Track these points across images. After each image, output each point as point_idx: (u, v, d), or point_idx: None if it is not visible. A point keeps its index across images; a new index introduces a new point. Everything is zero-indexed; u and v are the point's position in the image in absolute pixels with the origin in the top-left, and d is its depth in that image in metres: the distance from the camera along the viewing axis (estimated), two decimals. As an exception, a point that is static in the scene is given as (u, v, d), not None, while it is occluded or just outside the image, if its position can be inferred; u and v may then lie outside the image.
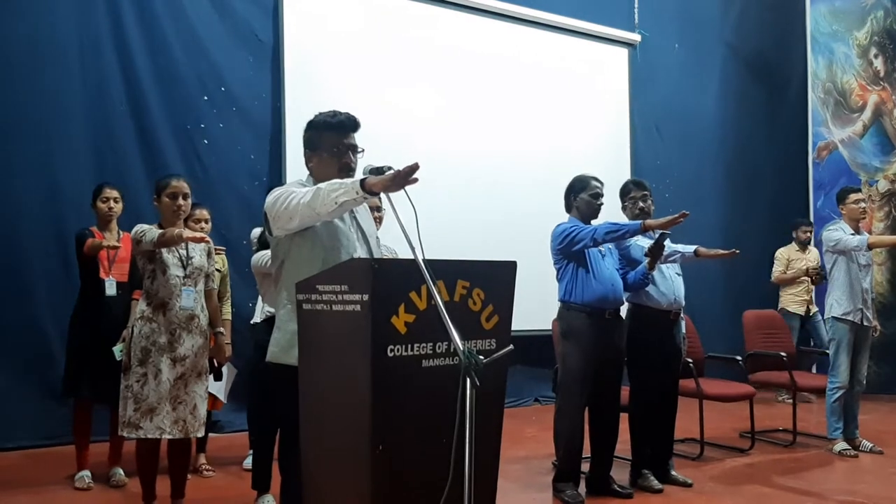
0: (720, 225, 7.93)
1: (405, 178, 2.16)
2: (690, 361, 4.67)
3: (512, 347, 2.16)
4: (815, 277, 6.81)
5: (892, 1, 7.97)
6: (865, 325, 5.01)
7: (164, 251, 3.25)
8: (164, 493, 3.42)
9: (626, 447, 4.17)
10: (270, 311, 3.64)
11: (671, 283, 4.17)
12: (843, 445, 4.96)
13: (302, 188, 2.42)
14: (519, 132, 6.83)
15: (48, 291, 4.97)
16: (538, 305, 4.79)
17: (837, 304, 4.99)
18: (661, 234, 3.81)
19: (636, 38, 7.77)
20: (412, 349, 2.09)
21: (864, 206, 5.13)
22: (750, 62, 8.61)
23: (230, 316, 4.48)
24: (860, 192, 5.32)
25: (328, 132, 2.58)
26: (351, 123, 2.60)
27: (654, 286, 4.07)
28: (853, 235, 4.98)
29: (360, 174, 2.41)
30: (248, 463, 4.28)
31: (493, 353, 2.13)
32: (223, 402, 4.56)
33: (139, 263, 3.32)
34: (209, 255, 3.46)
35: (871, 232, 7.20)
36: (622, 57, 7.71)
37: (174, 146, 5.53)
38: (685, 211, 3.55)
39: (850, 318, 4.95)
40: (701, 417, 4.82)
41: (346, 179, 2.32)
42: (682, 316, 4.30)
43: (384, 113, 5.84)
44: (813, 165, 8.34)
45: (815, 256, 6.96)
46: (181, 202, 3.32)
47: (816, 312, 6.78)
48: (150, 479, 3.35)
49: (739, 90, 8.52)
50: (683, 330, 4.38)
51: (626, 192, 4.25)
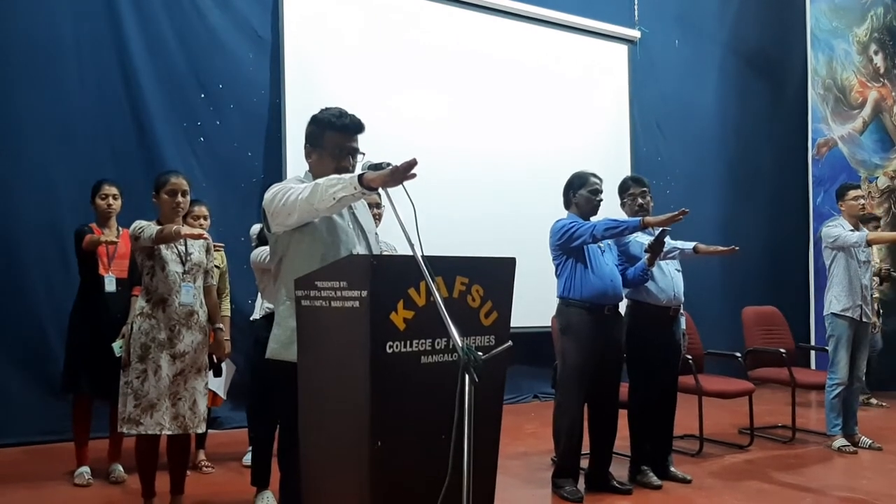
0: (720, 221, 7.92)
1: (403, 173, 2.15)
2: (690, 358, 4.67)
3: (511, 344, 2.15)
4: (886, 276, 6.73)
5: (892, -2, 7.99)
6: (865, 321, 5.02)
7: (162, 248, 3.25)
8: (163, 489, 3.42)
9: (625, 443, 4.18)
10: (270, 307, 3.63)
11: (671, 279, 4.16)
12: (842, 442, 4.97)
13: (300, 184, 2.41)
14: (518, 129, 6.81)
15: (47, 288, 4.98)
16: (537, 302, 4.78)
17: (837, 300, 5.00)
18: (661, 230, 3.81)
19: (636, 34, 7.75)
20: (411, 345, 2.09)
21: (863, 202, 5.14)
22: (750, 59, 8.60)
23: (229, 312, 4.48)
24: (859, 188, 5.33)
25: (331, 132, 2.55)
26: (355, 127, 2.56)
27: (653, 282, 4.07)
28: (852, 232, 4.98)
29: (358, 170, 2.41)
30: (247, 459, 4.28)
31: (492, 349, 2.13)
32: (223, 398, 4.57)
33: (138, 260, 3.32)
34: (208, 251, 3.46)
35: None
36: (622, 53, 7.69)
37: (173, 143, 5.52)
38: (685, 208, 3.55)
39: (849, 314, 4.96)
40: (700, 414, 4.82)
41: (344, 175, 2.31)
42: (681, 312, 4.30)
43: (383, 109, 5.83)
44: (812, 162, 8.34)
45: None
46: (180, 199, 3.32)
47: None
48: (149, 475, 3.36)
49: (739, 87, 8.51)
50: (683, 326, 4.38)
51: (624, 188, 4.25)
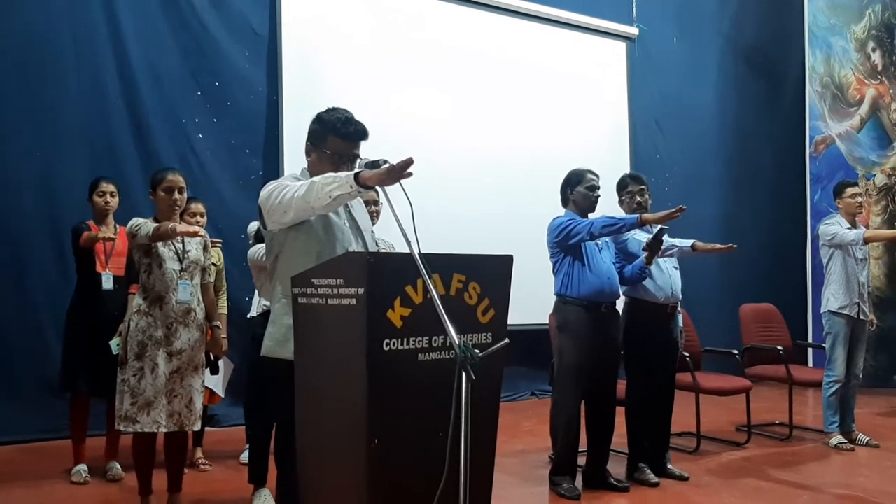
0: (718, 218, 7.93)
1: (399, 172, 2.15)
2: (687, 355, 4.66)
3: (508, 341, 2.16)
4: None
5: (889, -5, 7.99)
6: (862, 318, 5.02)
7: (160, 245, 3.25)
8: (160, 486, 3.42)
9: (622, 441, 4.18)
10: (267, 304, 3.62)
11: (668, 276, 4.16)
12: (839, 439, 4.97)
13: (296, 182, 2.41)
14: (516, 126, 6.80)
15: (44, 286, 4.96)
16: (535, 299, 4.78)
17: (834, 297, 5.00)
18: (659, 228, 3.80)
19: (634, 31, 7.75)
20: (408, 343, 2.09)
21: (860, 200, 5.14)
22: (748, 56, 8.60)
23: (226, 310, 4.48)
24: (857, 185, 5.34)
25: (334, 136, 2.53)
26: (359, 135, 2.54)
27: (651, 280, 4.07)
28: (850, 229, 4.98)
29: (356, 165, 2.40)
30: (244, 457, 4.28)
31: (489, 346, 2.13)
32: (220, 396, 4.56)
33: (135, 257, 3.32)
34: (205, 248, 3.46)
35: (867, 226, 7.20)
36: (621, 51, 7.69)
37: (170, 140, 5.51)
38: (682, 205, 3.54)
39: (846, 311, 4.96)
40: (697, 411, 4.82)
41: (340, 173, 2.31)
42: (679, 310, 4.30)
43: (380, 106, 5.82)
44: (810, 159, 8.33)
45: None
46: (177, 196, 3.32)
47: None
48: (146, 472, 3.35)
49: (738, 84, 8.51)
50: (680, 324, 4.38)
51: (623, 186, 4.25)
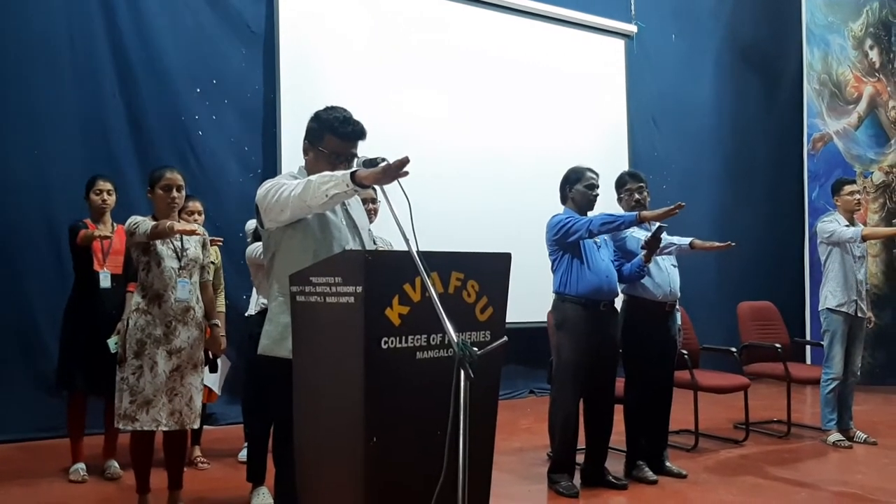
0: (715, 216, 7.93)
1: (396, 171, 2.15)
2: (685, 353, 4.67)
3: (506, 339, 2.15)
4: None
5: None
6: (860, 316, 5.03)
7: (158, 243, 3.24)
8: (157, 485, 3.42)
9: (620, 438, 4.18)
10: (265, 303, 3.61)
11: (667, 274, 4.16)
12: (837, 436, 4.98)
13: (293, 180, 2.41)
14: (514, 124, 6.80)
15: (40, 284, 4.95)
16: (533, 297, 4.77)
17: (832, 295, 5.01)
18: (658, 226, 3.80)
19: (633, 29, 7.75)
20: (406, 341, 2.09)
21: (858, 197, 5.15)
22: (746, 53, 8.60)
23: (224, 308, 4.47)
24: (855, 183, 5.34)
25: (332, 135, 2.52)
26: (356, 135, 2.53)
27: (649, 278, 4.07)
28: (847, 227, 4.99)
29: (353, 165, 2.40)
30: (242, 455, 4.28)
31: (487, 344, 2.12)
32: (218, 394, 4.56)
33: (134, 255, 3.31)
34: (204, 246, 3.45)
35: (865, 224, 7.21)
36: (619, 48, 7.68)
37: (167, 138, 5.50)
38: (681, 202, 3.54)
39: (844, 309, 4.97)
40: (696, 409, 4.83)
41: (336, 172, 2.30)
42: (677, 307, 4.30)
43: (377, 104, 5.81)
44: (808, 157, 8.33)
45: None
46: (175, 194, 3.31)
47: None
48: (144, 470, 3.35)
49: (735, 81, 8.51)
50: (679, 321, 4.38)
51: (621, 183, 4.24)
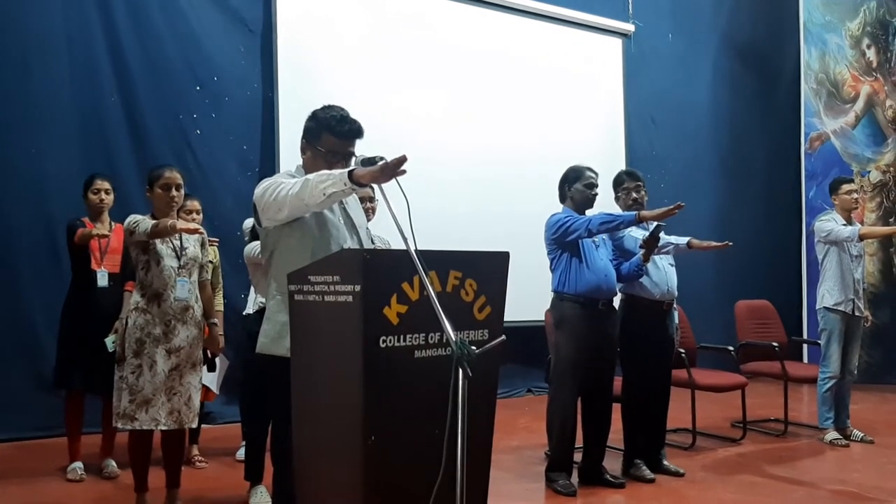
0: (713, 215, 7.93)
1: (393, 170, 2.15)
2: (683, 352, 4.68)
3: (504, 338, 2.15)
4: None
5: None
6: (857, 315, 5.03)
7: (157, 242, 3.24)
8: (154, 483, 3.42)
9: (618, 437, 4.19)
10: (263, 301, 3.61)
11: (664, 273, 4.17)
12: (834, 435, 4.99)
13: (291, 179, 2.41)
14: (512, 123, 6.79)
15: (38, 282, 4.94)
16: (531, 296, 4.78)
17: (829, 294, 5.02)
18: (656, 225, 3.81)
19: (630, 28, 7.74)
20: (404, 340, 2.09)
21: (856, 196, 5.16)
22: (743, 53, 8.61)
23: (222, 307, 4.47)
24: (852, 182, 5.35)
25: (329, 134, 2.52)
26: (353, 134, 2.54)
27: (647, 277, 4.07)
28: (845, 226, 4.99)
29: (351, 164, 2.40)
30: (240, 454, 4.28)
31: (485, 343, 2.13)
32: (216, 393, 4.55)
33: (133, 254, 3.31)
34: (203, 245, 3.46)
35: (862, 223, 7.22)
36: (616, 47, 7.68)
37: (165, 137, 5.49)
38: (680, 202, 3.55)
39: (841, 308, 4.98)
40: (693, 407, 4.84)
41: (334, 171, 2.30)
42: (674, 306, 4.31)
43: (376, 103, 5.79)
44: (805, 156, 8.34)
45: None
46: (174, 193, 3.31)
47: None
48: (142, 469, 3.36)
49: (733, 81, 8.52)
50: (676, 320, 4.39)
51: (619, 182, 4.25)
